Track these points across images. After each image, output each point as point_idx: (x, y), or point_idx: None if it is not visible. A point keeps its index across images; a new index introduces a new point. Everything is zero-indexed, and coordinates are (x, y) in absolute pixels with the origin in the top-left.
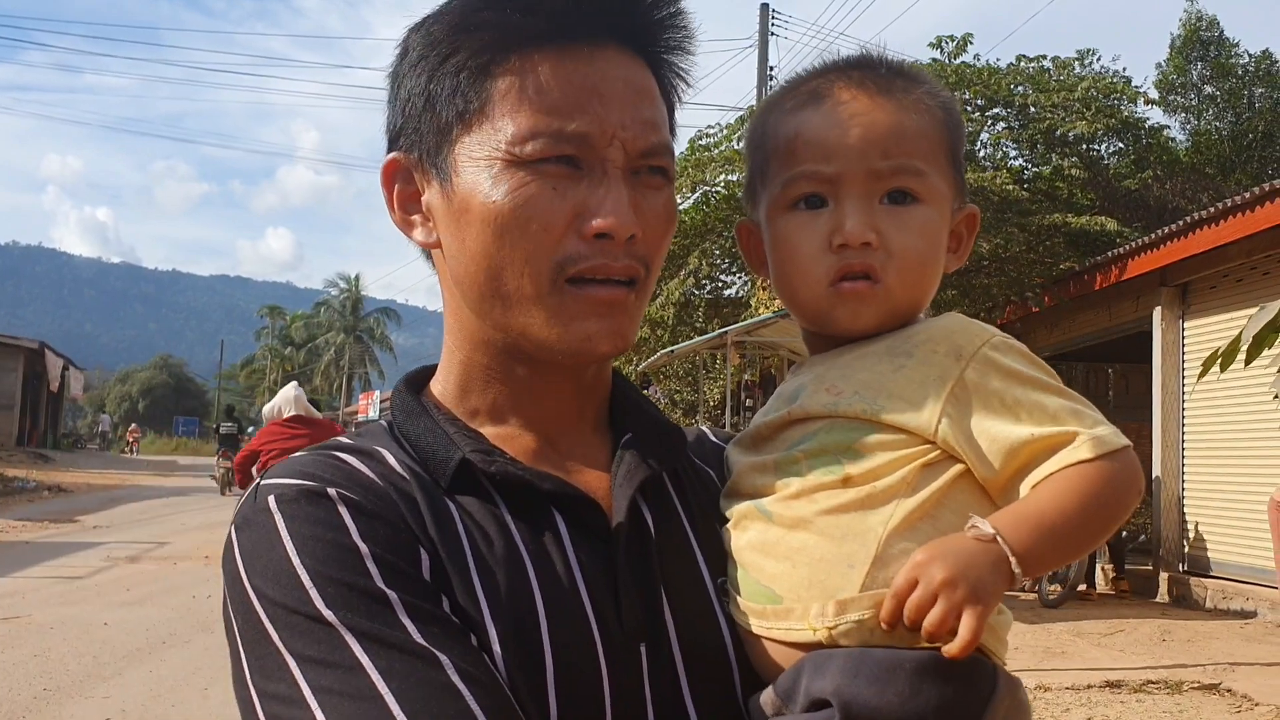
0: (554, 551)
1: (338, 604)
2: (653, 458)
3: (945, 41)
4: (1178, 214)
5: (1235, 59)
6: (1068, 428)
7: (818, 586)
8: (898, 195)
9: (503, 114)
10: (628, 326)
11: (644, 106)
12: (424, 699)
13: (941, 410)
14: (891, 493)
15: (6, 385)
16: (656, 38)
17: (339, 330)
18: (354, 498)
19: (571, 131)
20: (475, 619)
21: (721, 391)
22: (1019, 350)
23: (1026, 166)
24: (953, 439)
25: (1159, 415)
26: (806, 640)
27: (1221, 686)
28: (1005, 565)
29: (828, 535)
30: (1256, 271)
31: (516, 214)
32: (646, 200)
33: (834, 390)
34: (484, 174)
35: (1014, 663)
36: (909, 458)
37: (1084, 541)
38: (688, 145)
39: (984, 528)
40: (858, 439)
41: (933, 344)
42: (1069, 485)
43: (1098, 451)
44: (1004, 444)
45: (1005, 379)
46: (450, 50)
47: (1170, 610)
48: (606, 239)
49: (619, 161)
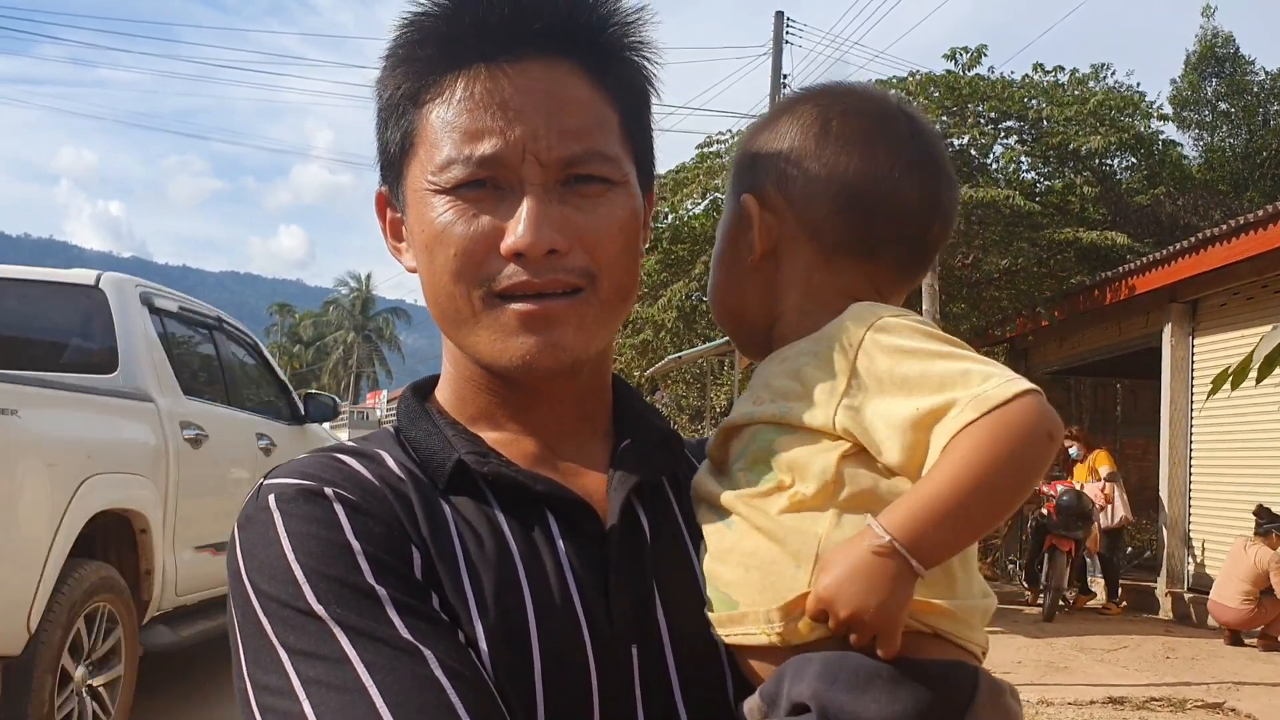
0: (545, 552)
1: (329, 599)
2: (649, 463)
3: (959, 53)
4: (1189, 230)
5: (1250, 76)
6: (952, 394)
7: (770, 590)
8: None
9: (429, 143)
10: (571, 338)
11: (566, 116)
12: (407, 692)
13: (839, 403)
14: (822, 491)
15: None
16: (591, 44)
17: (348, 329)
18: (350, 497)
19: (481, 156)
20: (462, 616)
21: (728, 397)
22: (908, 325)
23: (1039, 180)
24: (854, 430)
25: (1167, 432)
26: (762, 644)
27: (1225, 706)
28: (908, 569)
29: (773, 538)
30: (1268, 290)
31: (440, 240)
32: (581, 212)
33: (755, 399)
34: (420, 204)
35: (1016, 677)
36: (825, 452)
37: (993, 510)
38: (696, 153)
39: (880, 535)
40: (779, 442)
41: (830, 338)
42: (959, 455)
43: (981, 409)
44: (893, 424)
45: (892, 356)
46: (391, 84)
47: (1175, 627)
48: (523, 258)
49: (535, 177)
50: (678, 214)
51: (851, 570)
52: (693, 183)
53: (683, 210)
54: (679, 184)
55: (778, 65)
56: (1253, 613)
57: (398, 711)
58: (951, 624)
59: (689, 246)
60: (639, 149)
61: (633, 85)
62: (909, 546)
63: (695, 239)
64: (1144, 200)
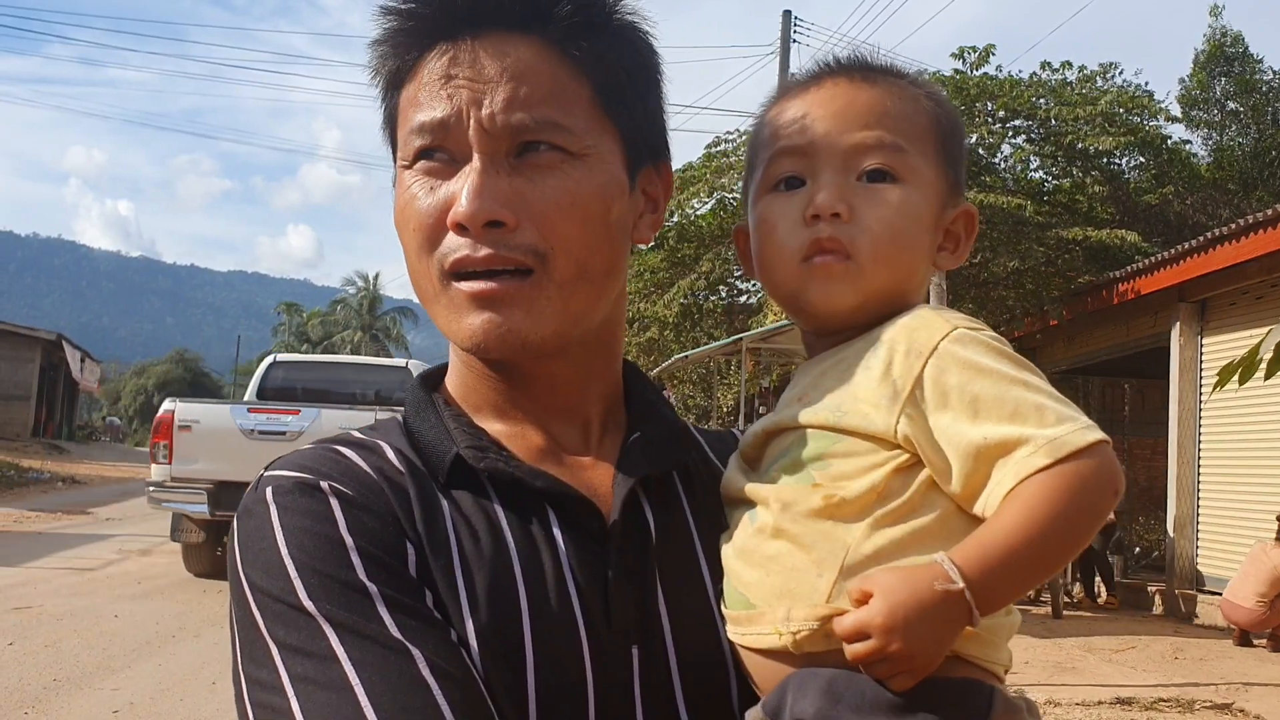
0: (544, 549)
1: (320, 595)
2: (657, 456)
3: (967, 52)
4: (1198, 230)
5: (1259, 75)
6: (1024, 429)
7: (788, 594)
8: (876, 174)
9: (401, 122)
10: (520, 319)
11: (519, 86)
12: (393, 692)
13: (901, 411)
14: (863, 501)
15: (23, 376)
16: (553, 18)
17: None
18: (345, 491)
19: (427, 121)
20: (455, 614)
21: (735, 398)
22: (984, 342)
23: (1047, 179)
24: (915, 441)
25: (1175, 432)
26: (773, 646)
27: (1234, 707)
28: (968, 616)
29: (800, 544)
30: (1277, 289)
31: (403, 216)
32: (532, 184)
33: (805, 400)
34: (398, 184)
35: (1024, 677)
36: (878, 463)
37: (1051, 564)
38: (703, 153)
39: (954, 581)
40: (827, 448)
41: (894, 342)
42: (1034, 506)
43: (1055, 456)
44: (960, 446)
45: (965, 372)
46: (373, 72)
47: (1183, 628)
48: (465, 230)
49: (482, 146)
50: (683, 212)
51: (915, 606)
52: (699, 181)
53: (689, 209)
54: (685, 182)
55: (785, 64)
56: (1265, 614)
57: (382, 712)
58: (978, 647)
59: (695, 246)
60: (624, 123)
61: (608, 58)
62: (975, 594)
63: (701, 238)
64: (1152, 199)
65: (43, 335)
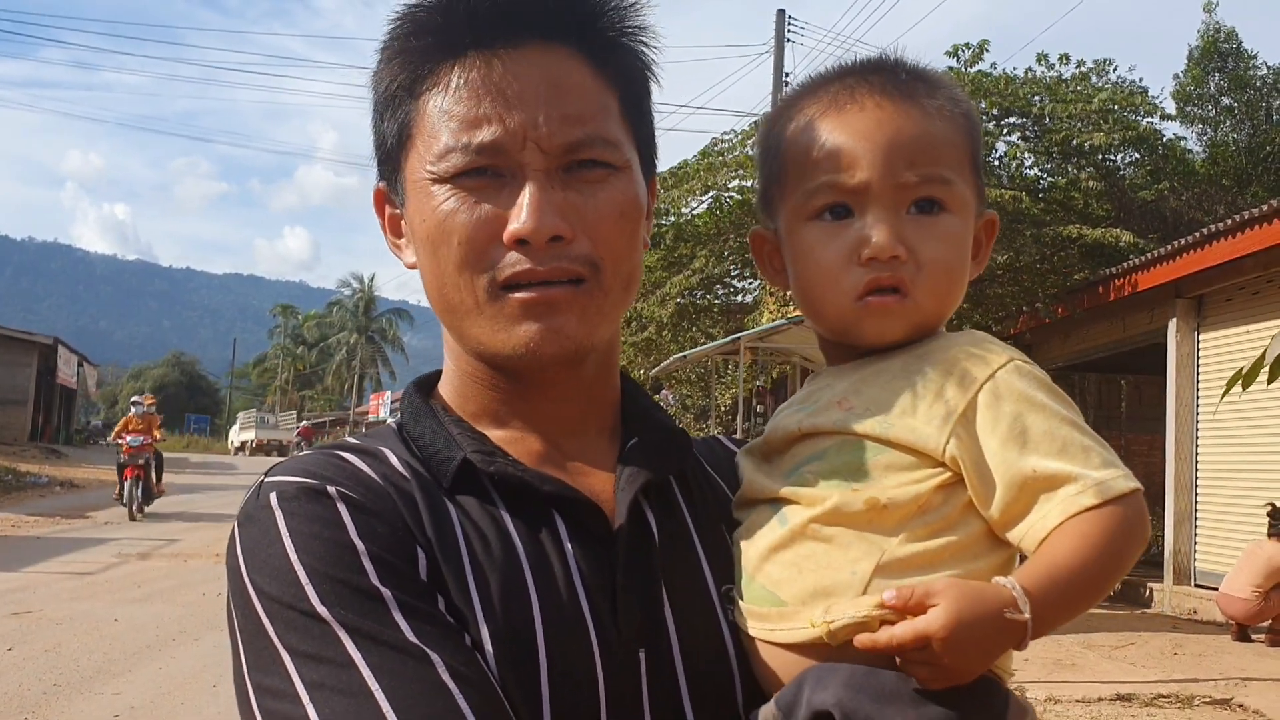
0: (552, 553)
1: (333, 601)
2: (656, 462)
3: (961, 50)
4: (1193, 226)
5: (1253, 71)
6: (1072, 467)
7: (821, 592)
8: (925, 204)
9: (426, 133)
10: (575, 326)
11: (565, 102)
12: (414, 696)
13: (951, 431)
14: (905, 511)
15: (20, 380)
16: (588, 30)
17: (351, 330)
18: (353, 496)
19: (481, 143)
20: (468, 618)
21: (734, 397)
22: (1038, 377)
23: (1042, 176)
24: (960, 461)
25: (1173, 428)
26: (805, 639)
27: (1233, 702)
28: (1019, 641)
29: (836, 544)
30: (1273, 285)
31: (442, 229)
32: (583, 196)
33: (846, 406)
34: (420, 194)
35: (1023, 674)
36: (921, 479)
37: (1092, 599)
38: (700, 153)
39: (1022, 608)
40: (870, 459)
41: (949, 363)
42: (1089, 540)
43: (1103, 498)
44: (1006, 474)
45: (1019, 403)
46: (387, 76)
47: (1182, 624)
48: (526, 244)
49: (537, 163)
50: (679, 212)
51: (978, 626)
52: (693, 179)
53: (685, 208)
54: (680, 180)
55: (780, 63)
56: (1260, 606)
57: (405, 717)
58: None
59: (691, 246)
60: (640, 135)
61: (632, 71)
62: (1036, 622)
63: (698, 238)
64: (1148, 196)
65: (39, 339)
